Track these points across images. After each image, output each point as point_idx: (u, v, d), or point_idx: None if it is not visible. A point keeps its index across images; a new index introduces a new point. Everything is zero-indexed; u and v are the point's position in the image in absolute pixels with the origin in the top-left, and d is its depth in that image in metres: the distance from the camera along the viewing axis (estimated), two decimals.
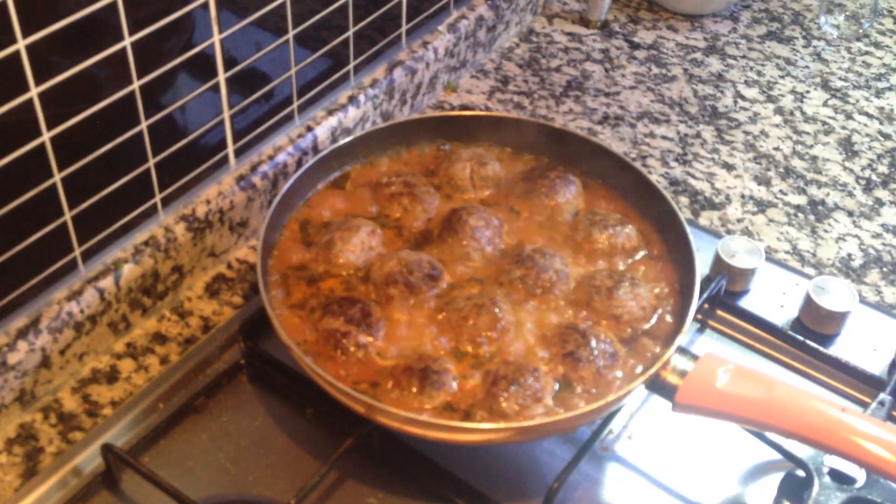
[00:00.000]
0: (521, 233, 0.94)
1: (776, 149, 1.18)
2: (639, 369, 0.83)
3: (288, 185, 0.93)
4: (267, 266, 0.89)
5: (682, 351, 0.80)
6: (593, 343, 0.82)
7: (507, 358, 0.82)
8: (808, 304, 0.94)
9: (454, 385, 0.80)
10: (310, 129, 1.04)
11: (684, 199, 1.10)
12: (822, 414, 0.75)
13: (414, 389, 0.79)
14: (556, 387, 0.81)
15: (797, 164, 1.16)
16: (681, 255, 0.89)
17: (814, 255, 1.05)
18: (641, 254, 0.93)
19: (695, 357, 0.80)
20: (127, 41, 0.79)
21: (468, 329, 0.84)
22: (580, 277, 0.90)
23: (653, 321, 0.87)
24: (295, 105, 1.02)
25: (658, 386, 0.80)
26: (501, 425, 0.77)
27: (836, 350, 0.92)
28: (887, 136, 1.21)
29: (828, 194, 1.12)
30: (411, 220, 0.95)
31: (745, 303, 0.97)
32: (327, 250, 0.90)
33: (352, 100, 1.08)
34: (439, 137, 1.03)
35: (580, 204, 0.97)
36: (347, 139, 0.98)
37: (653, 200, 0.94)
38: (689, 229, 0.89)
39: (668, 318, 0.87)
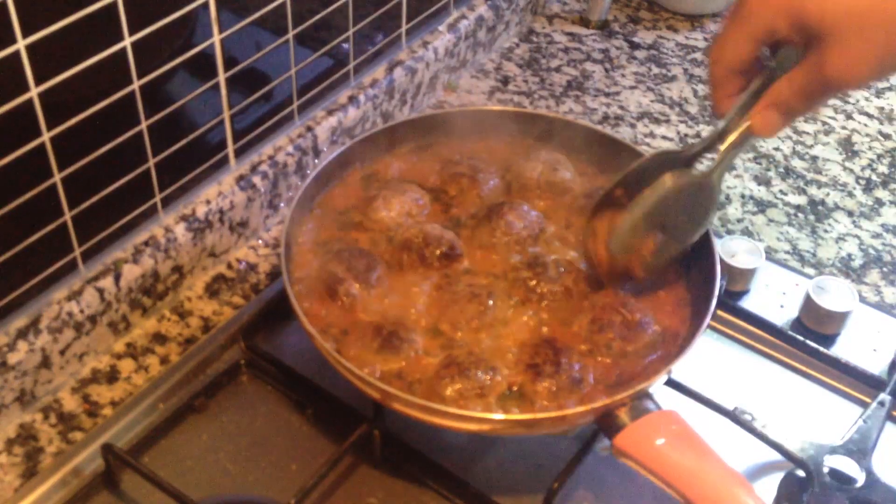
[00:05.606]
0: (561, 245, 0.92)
1: (776, 149, 1.18)
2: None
3: (367, 133, 0.96)
4: (310, 200, 0.92)
5: (648, 397, 0.77)
6: (563, 363, 0.79)
7: (475, 350, 0.82)
8: (808, 304, 0.94)
9: (412, 355, 0.81)
10: (310, 129, 1.04)
11: None
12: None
13: (374, 346, 0.80)
14: (508, 391, 0.79)
15: (797, 164, 1.16)
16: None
17: (814, 255, 1.05)
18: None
19: (658, 407, 0.76)
20: (127, 41, 0.79)
21: (453, 312, 0.84)
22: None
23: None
24: (295, 105, 1.02)
25: (607, 421, 0.76)
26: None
27: (836, 350, 0.92)
28: (887, 136, 1.21)
29: (828, 194, 1.12)
30: (464, 202, 0.94)
31: (746, 303, 0.97)
32: (368, 204, 0.92)
33: (352, 100, 1.08)
34: (540, 138, 1.00)
35: None
36: (424, 114, 1.00)
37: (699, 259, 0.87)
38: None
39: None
